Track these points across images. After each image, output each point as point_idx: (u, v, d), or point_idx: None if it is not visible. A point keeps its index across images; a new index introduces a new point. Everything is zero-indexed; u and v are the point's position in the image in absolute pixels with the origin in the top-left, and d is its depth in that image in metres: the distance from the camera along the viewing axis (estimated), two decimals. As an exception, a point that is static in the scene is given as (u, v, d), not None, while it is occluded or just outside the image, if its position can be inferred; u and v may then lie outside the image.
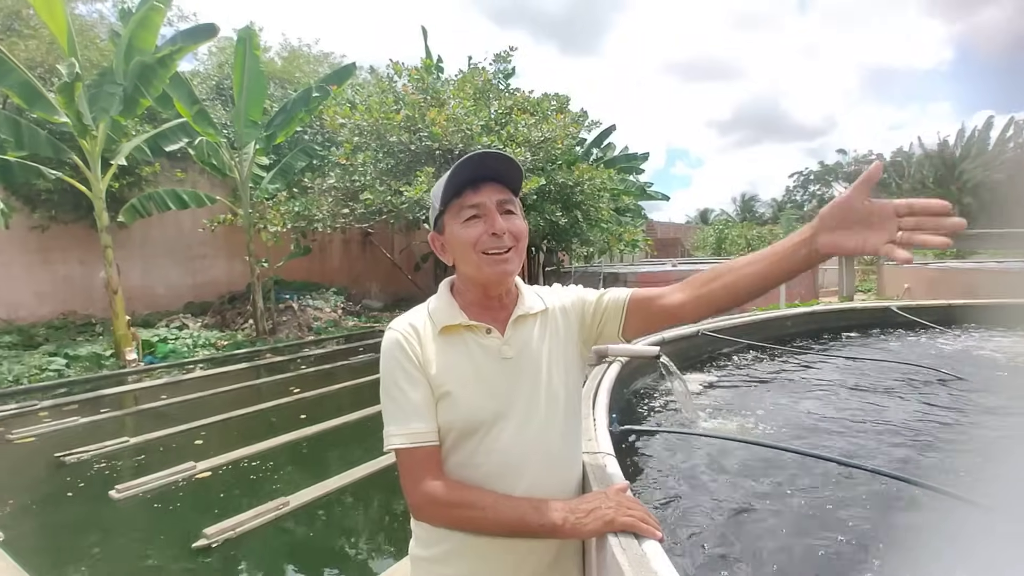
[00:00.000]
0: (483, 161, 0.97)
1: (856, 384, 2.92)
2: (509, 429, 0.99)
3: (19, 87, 6.71)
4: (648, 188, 17.89)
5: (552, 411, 1.03)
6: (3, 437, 5.07)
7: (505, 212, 0.99)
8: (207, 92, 12.56)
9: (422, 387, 0.98)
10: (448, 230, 1.01)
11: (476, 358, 1.01)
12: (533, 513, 0.91)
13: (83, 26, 11.08)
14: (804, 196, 43.99)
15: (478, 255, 0.98)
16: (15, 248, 8.79)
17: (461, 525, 0.95)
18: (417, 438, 0.95)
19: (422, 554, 1.06)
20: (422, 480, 0.94)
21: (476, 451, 0.99)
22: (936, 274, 13.48)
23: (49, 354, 7.50)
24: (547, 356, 1.05)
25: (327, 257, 13.55)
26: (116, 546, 3.33)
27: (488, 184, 0.99)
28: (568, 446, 1.07)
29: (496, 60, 10.69)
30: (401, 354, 0.99)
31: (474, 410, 0.98)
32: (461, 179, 0.96)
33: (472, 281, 1.04)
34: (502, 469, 0.97)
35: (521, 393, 1.01)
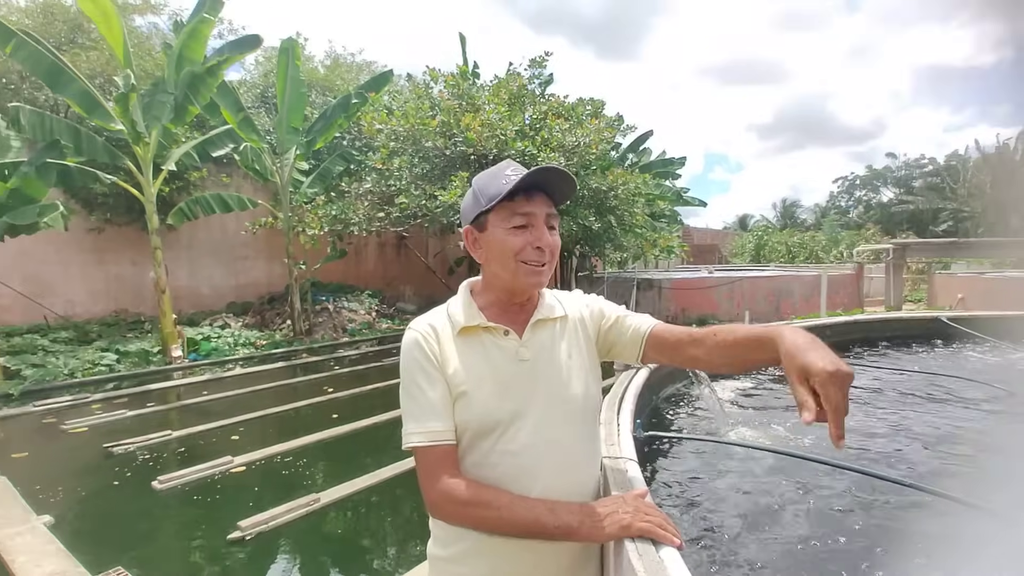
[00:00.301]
0: (547, 175, 0.98)
1: (897, 396, 2.79)
2: (525, 430, 0.99)
3: (79, 96, 7.11)
4: (684, 193, 17.60)
5: (568, 414, 1.03)
6: (58, 427, 5.36)
7: (549, 227, 1.01)
8: (252, 100, 13.05)
9: (440, 386, 0.99)
10: (491, 231, 1.01)
11: (493, 359, 1.01)
12: (548, 515, 0.91)
13: (139, 38, 11.68)
14: (849, 202, 42.45)
15: (517, 263, 0.99)
16: (73, 249, 9.30)
17: (476, 524, 0.95)
18: (435, 436, 0.96)
19: (440, 553, 1.07)
20: (439, 478, 0.95)
21: (491, 451, 0.99)
22: (992, 284, 12.78)
23: (101, 350, 7.89)
24: (565, 360, 1.05)
25: (362, 260, 13.83)
26: (157, 534, 3.47)
27: (539, 194, 0.99)
28: (585, 450, 1.06)
29: (532, 65, 10.73)
30: (420, 353, 1.00)
31: (490, 410, 0.98)
32: (519, 184, 0.96)
33: (501, 284, 1.05)
34: (517, 471, 0.98)
35: (537, 395, 1.01)
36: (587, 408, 1.07)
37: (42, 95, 9.39)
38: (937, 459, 1.98)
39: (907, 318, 4.50)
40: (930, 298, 15.92)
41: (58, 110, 9.44)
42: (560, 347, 1.06)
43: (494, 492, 0.94)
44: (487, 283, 1.08)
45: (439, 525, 1.06)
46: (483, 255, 1.05)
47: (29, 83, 9.28)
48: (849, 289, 14.49)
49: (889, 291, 13.54)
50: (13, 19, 9.41)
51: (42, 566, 2.79)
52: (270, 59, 15.72)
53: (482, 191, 1.01)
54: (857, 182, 42.04)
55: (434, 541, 1.10)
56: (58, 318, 8.96)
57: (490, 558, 0.99)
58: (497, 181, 0.99)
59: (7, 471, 3.97)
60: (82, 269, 9.50)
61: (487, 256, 1.04)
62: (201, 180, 10.28)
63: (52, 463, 4.66)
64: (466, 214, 1.05)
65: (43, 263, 9.00)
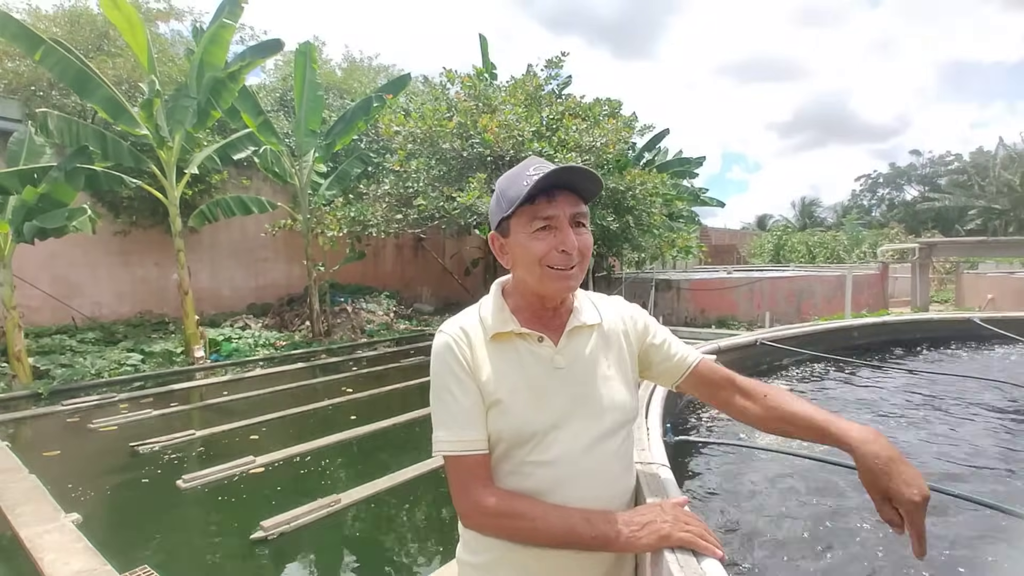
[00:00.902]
0: (566, 176, 0.93)
1: (934, 401, 2.70)
2: (560, 441, 0.96)
3: (105, 102, 7.26)
4: (702, 194, 17.41)
5: (604, 424, 0.99)
6: (85, 426, 5.47)
7: (577, 225, 0.96)
8: (271, 104, 13.22)
9: (473, 393, 0.96)
10: (513, 236, 0.97)
11: (528, 367, 0.98)
12: (584, 524, 0.88)
13: (162, 44, 11.91)
14: (872, 200, 41.64)
15: (543, 268, 0.95)
16: (100, 251, 9.51)
17: (510, 535, 0.92)
18: (467, 446, 0.94)
19: (469, 559, 1.05)
20: (471, 488, 0.93)
21: (525, 462, 0.96)
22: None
23: (127, 350, 8.05)
24: (601, 369, 1.02)
25: (380, 261, 13.92)
26: (181, 533, 3.51)
27: (563, 193, 0.94)
28: (620, 460, 1.03)
29: (548, 66, 10.70)
30: (452, 358, 0.97)
31: (526, 420, 0.95)
32: (537, 186, 0.91)
33: (529, 290, 1.01)
34: (551, 482, 0.95)
35: (573, 405, 0.98)
36: (623, 418, 1.03)
37: (70, 101, 9.61)
38: (984, 469, 1.91)
39: (939, 319, 4.36)
40: (958, 298, 15.52)
41: (85, 116, 9.66)
42: (596, 355, 1.02)
43: (528, 502, 0.92)
44: (518, 287, 1.04)
45: (470, 531, 1.03)
46: (509, 261, 1.01)
47: (57, 90, 9.51)
48: (874, 289, 14.19)
49: (915, 291, 13.23)
50: (41, 27, 9.64)
51: (70, 564, 2.83)
52: (288, 63, 15.92)
53: (503, 195, 0.97)
54: (880, 180, 41.24)
55: (463, 546, 1.08)
56: (85, 319, 9.17)
57: (520, 568, 0.97)
58: (518, 183, 0.94)
59: (37, 469, 4.05)
60: (108, 271, 9.71)
61: (513, 262, 1.00)
62: (222, 183, 10.44)
63: (80, 461, 4.75)
64: (492, 218, 1.02)
65: (71, 265, 9.22)
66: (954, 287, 16.60)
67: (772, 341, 3.48)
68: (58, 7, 11.28)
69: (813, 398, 2.91)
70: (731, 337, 3.59)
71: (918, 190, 37.77)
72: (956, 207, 31.71)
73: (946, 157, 37.01)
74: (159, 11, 12.32)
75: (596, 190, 0.98)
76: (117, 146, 7.51)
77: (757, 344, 3.40)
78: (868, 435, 0.88)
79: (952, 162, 36.07)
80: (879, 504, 0.85)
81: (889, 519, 0.84)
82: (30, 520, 3.28)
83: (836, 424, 0.92)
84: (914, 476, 0.83)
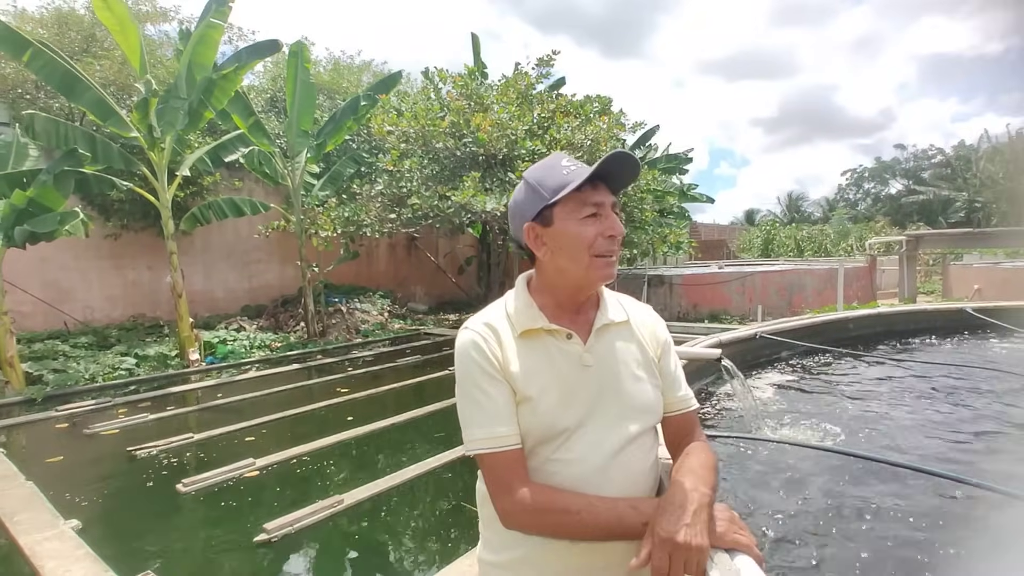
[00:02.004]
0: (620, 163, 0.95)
1: (930, 389, 2.75)
2: (587, 440, 0.97)
3: (94, 104, 7.17)
4: (691, 190, 17.50)
5: (631, 424, 1.00)
6: (81, 432, 5.41)
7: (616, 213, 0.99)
8: (262, 105, 13.12)
9: (504, 388, 0.95)
10: (559, 224, 0.97)
11: (557, 364, 0.99)
12: (632, 512, 0.89)
13: (151, 46, 11.78)
14: (858, 194, 42.08)
15: (590, 257, 0.96)
16: (91, 255, 9.40)
17: (555, 531, 0.92)
18: (502, 442, 0.93)
19: (491, 559, 1.05)
20: (511, 486, 0.92)
21: (551, 459, 0.97)
22: (1010, 274, 12.62)
23: (121, 354, 7.96)
24: (630, 368, 1.03)
25: (374, 261, 13.87)
26: (184, 538, 3.49)
27: (601, 184, 0.97)
28: (646, 461, 1.04)
29: (539, 64, 10.70)
30: (479, 355, 0.96)
31: (555, 418, 0.96)
32: (587, 173, 0.93)
33: (568, 281, 1.01)
34: (576, 481, 0.95)
35: (600, 404, 0.98)
36: (650, 419, 1.04)
37: (56, 103, 9.49)
38: (981, 453, 1.95)
39: (932, 310, 4.44)
40: (945, 289, 15.73)
41: (73, 118, 9.54)
42: (625, 354, 1.03)
43: (570, 496, 0.92)
44: (549, 281, 1.03)
45: (491, 529, 1.03)
46: (547, 251, 1.00)
47: (45, 92, 9.39)
48: (862, 282, 14.34)
49: (903, 283, 13.41)
50: (28, 29, 9.50)
51: (72, 571, 2.81)
52: (277, 63, 15.80)
53: (541, 184, 0.97)
54: (866, 174, 41.67)
55: (484, 546, 1.08)
56: (78, 323, 9.06)
57: (544, 566, 0.97)
58: (557, 172, 0.96)
59: (33, 476, 4.01)
60: (100, 275, 9.60)
61: (553, 251, 0.99)
62: (214, 185, 10.35)
63: (77, 467, 4.70)
64: (524, 210, 1.01)
65: (62, 269, 9.11)
66: (940, 279, 16.83)
67: (771, 334, 3.53)
68: (43, 9, 11.12)
69: (813, 388, 2.95)
70: (731, 331, 3.63)
71: (903, 184, 38.21)
72: (940, 200, 32.15)
73: (929, 151, 37.49)
74: (149, 12, 12.18)
75: (630, 181, 1.01)
76: (107, 148, 7.42)
77: (757, 337, 3.44)
78: (686, 495, 0.87)
79: (935, 156, 36.53)
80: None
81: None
82: (29, 528, 3.25)
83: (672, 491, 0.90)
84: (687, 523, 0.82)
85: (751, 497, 1.65)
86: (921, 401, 2.60)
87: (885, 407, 2.55)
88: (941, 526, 1.50)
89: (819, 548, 1.42)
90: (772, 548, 1.41)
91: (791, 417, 2.38)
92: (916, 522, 1.51)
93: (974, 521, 1.50)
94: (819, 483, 1.72)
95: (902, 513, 1.55)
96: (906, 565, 1.34)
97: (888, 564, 1.35)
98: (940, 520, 1.54)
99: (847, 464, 1.79)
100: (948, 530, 1.48)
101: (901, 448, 2.03)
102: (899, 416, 2.38)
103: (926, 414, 2.41)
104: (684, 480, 0.91)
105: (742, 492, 1.69)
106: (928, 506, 1.61)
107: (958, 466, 1.87)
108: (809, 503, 1.61)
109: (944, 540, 1.43)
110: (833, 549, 1.41)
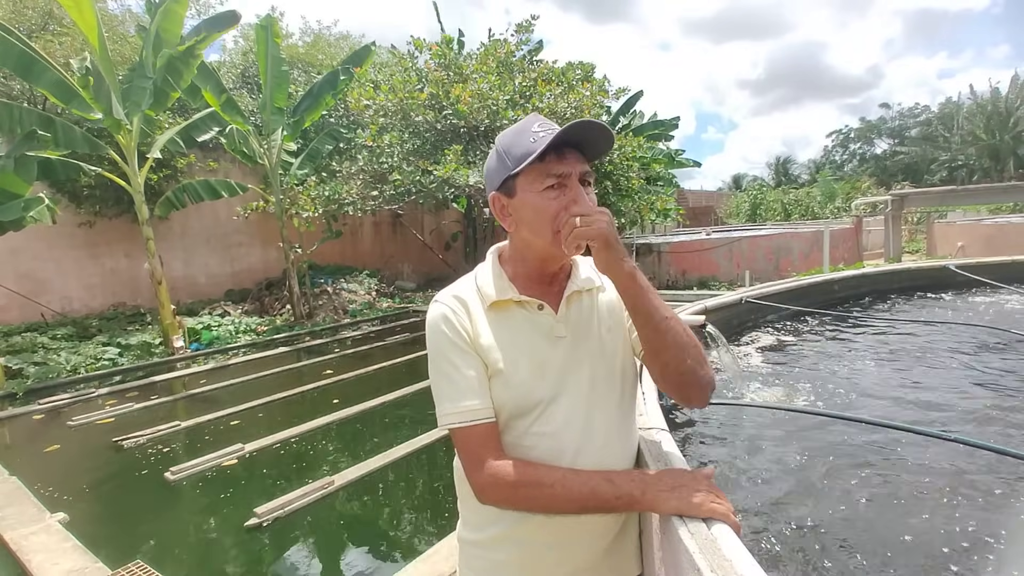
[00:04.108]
0: (583, 131, 0.87)
1: (917, 349, 2.75)
2: (563, 411, 0.93)
3: (54, 86, 6.85)
4: (678, 156, 17.35)
5: (607, 393, 0.97)
6: (65, 424, 5.33)
7: (585, 184, 0.91)
8: (234, 81, 12.69)
9: (474, 361, 0.92)
10: (521, 195, 0.92)
11: (529, 336, 0.94)
12: (607, 485, 0.85)
13: (113, 22, 11.28)
14: (844, 155, 42.13)
15: (552, 232, 0.89)
16: (65, 244, 9.15)
17: (529, 505, 0.89)
18: (474, 415, 0.90)
19: (470, 537, 1.03)
20: (484, 461, 0.89)
21: (528, 432, 0.93)
22: (992, 230, 12.74)
23: (103, 344, 7.83)
24: (602, 335, 0.98)
25: (359, 240, 13.70)
26: (174, 526, 3.47)
27: (572, 152, 0.89)
28: (622, 428, 1.00)
29: (518, 31, 10.40)
30: (449, 328, 0.93)
31: (528, 391, 0.92)
32: (552, 142, 0.86)
33: (534, 253, 0.96)
34: (554, 452, 0.92)
35: (574, 374, 0.94)
36: (624, 386, 1.01)
37: (17, 85, 9.09)
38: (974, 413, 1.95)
39: (915, 268, 4.44)
40: (929, 247, 15.89)
41: (35, 102, 9.16)
42: (596, 321, 0.99)
43: (544, 469, 0.89)
44: (518, 251, 0.99)
45: (469, 508, 1.01)
46: (512, 223, 0.95)
47: (4, 74, 8.98)
48: (848, 243, 14.44)
49: (889, 242, 13.52)
50: (-22, 8, 9.03)
51: (59, 564, 2.77)
52: (247, 38, 15.25)
53: (507, 151, 0.91)
54: (852, 135, 41.66)
55: (463, 524, 1.05)
56: (56, 315, 8.88)
57: (524, 543, 0.95)
58: (524, 139, 0.89)
59: (18, 471, 3.95)
60: (76, 264, 9.37)
61: (518, 223, 0.94)
62: (189, 167, 10.06)
63: (62, 460, 4.64)
64: (491, 178, 0.95)
65: (36, 260, 8.87)
66: (925, 237, 16.98)
67: (756, 298, 3.51)
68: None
69: (799, 351, 2.94)
70: (716, 297, 3.60)
71: (888, 143, 38.27)
72: (925, 159, 32.29)
73: (915, 109, 37.48)
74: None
75: (606, 149, 0.92)
76: (68, 132, 7.10)
77: (742, 302, 3.42)
78: None
79: (920, 114, 36.55)
80: None
81: None
82: (14, 522, 3.20)
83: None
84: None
85: (731, 462, 1.64)
86: (902, 360, 2.60)
87: (867, 367, 2.55)
88: (911, 474, 1.49)
89: (798, 508, 1.41)
90: (763, 511, 1.39)
91: (776, 380, 2.36)
92: (892, 475, 1.51)
93: (934, 468, 1.49)
94: (800, 446, 1.71)
95: (885, 470, 1.55)
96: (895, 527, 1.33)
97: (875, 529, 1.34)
98: (908, 471, 1.53)
99: (825, 424, 1.77)
100: (918, 477, 1.48)
101: (882, 406, 2.02)
102: (883, 375, 2.38)
103: (909, 372, 2.41)
104: None
105: (726, 457, 1.67)
106: (892, 457, 1.61)
107: (934, 424, 1.87)
108: (788, 465, 1.60)
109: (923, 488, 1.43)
110: (817, 509, 1.39)
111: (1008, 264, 4.31)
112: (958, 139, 30.95)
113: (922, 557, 1.24)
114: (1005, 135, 28.18)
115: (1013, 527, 1.31)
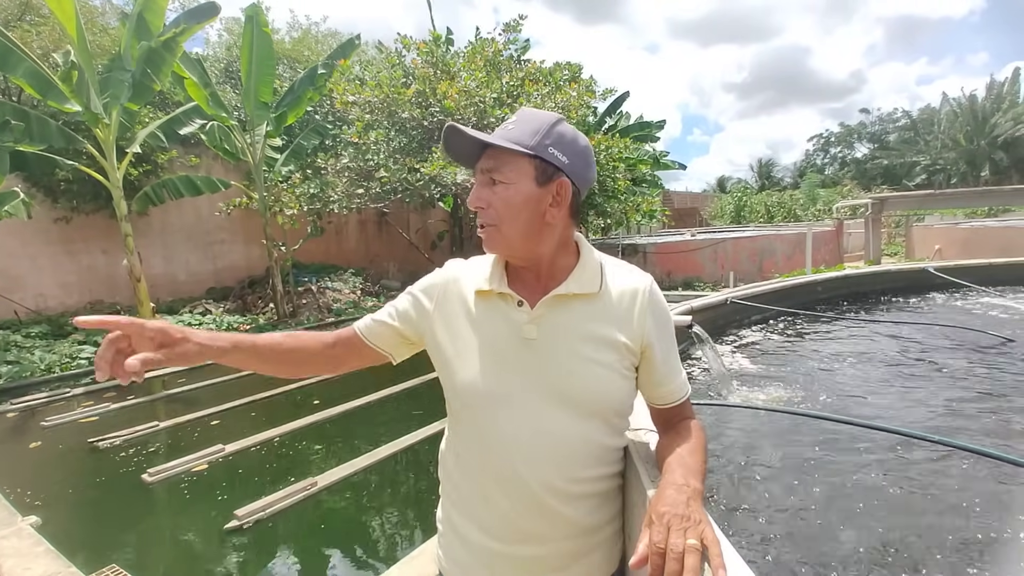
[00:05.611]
0: (458, 134, 0.87)
1: (898, 349, 2.78)
2: (512, 418, 0.88)
3: (30, 77, 6.67)
4: (663, 157, 17.47)
5: (562, 410, 0.87)
6: (38, 425, 5.19)
7: (492, 182, 0.87)
8: (218, 75, 12.47)
9: (406, 323, 1.00)
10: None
11: (495, 331, 0.91)
12: None
13: (93, 12, 11.02)
14: (824, 159, 42.81)
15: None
16: (40, 240, 8.92)
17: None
18: (366, 330, 1.03)
19: (440, 515, 1.05)
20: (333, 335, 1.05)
21: (474, 427, 0.93)
22: (969, 234, 13.03)
23: (78, 343, 7.64)
24: (577, 347, 0.88)
25: (344, 238, 13.56)
26: (151, 529, 3.39)
27: (489, 148, 0.88)
28: (591, 444, 0.90)
29: (506, 30, 10.38)
30: (423, 293, 1.00)
31: (472, 385, 0.90)
32: (446, 144, 0.91)
33: None
34: (498, 457, 0.89)
35: (536, 382, 0.88)
36: (601, 409, 0.90)
37: (-10, 78, 8.84)
38: (954, 413, 1.97)
39: (896, 270, 4.51)
40: (908, 250, 16.21)
41: (10, 94, 8.92)
42: (581, 331, 0.89)
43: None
44: None
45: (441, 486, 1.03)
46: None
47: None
48: (830, 245, 14.65)
49: (869, 245, 13.75)
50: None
51: (32, 569, 2.69)
52: (231, 31, 15.02)
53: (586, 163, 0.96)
54: (832, 139, 42.35)
55: (440, 505, 1.06)
56: (29, 312, 8.65)
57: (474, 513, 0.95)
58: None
59: (-12, 473, 3.84)
60: (51, 260, 9.13)
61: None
62: (170, 162, 9.86)
63: (35, 462, 4.52)
64: (580, 170, 0.97)
65: (9, 256, 8.62)
66: (904, 240, 17.32)
67: (741, 299, 3.53)
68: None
69: (783, 352, 2.96)
70: (702, 298, 3.62)
71: (868, 148, 38.96)
72: (904, 163, 32.93)
73: (894, 114, 38.21)
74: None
75: (494, 145, 0.86)
76: (43, 124, 6.92)
77: (727, 303, 3.44)
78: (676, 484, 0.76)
79: (900, 119, 37.26)
80: None
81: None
82: (-17, 527, 3.11)
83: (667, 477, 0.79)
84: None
85: (715, 463, 1.63)
86: (884, 360, 2.64)
87: (849, 368, 2.57)
88: (894, 475, 1.50)
89: (784, 504, 1.41)
90: (748, 511, 1.39)
91: (760, 380, 2.37)
92: (875, 476, 1.52)
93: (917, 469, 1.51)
94: (786, 445, 1.72)
95: (868, 471, 1.56)
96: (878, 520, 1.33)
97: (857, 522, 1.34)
98: (891, 471, 1.54)
99: (808, 424, 1.78)
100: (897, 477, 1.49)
101: (864, 407, 2.04)
102: (865, 376, 2.40)
103: (890, 372, 2.43)
104: (674, 473, 0.79)
105: (710, 457, 1.67)
106: (874, 459, 1.62)
107: (914, 423, 1.89)
108: (774, 464, 1.60)
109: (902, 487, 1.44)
110: (800, 508, 1.40)
111: (985, 267, 4.41)
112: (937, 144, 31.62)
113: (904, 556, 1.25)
114: (981, 140, 28.86)
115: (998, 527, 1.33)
